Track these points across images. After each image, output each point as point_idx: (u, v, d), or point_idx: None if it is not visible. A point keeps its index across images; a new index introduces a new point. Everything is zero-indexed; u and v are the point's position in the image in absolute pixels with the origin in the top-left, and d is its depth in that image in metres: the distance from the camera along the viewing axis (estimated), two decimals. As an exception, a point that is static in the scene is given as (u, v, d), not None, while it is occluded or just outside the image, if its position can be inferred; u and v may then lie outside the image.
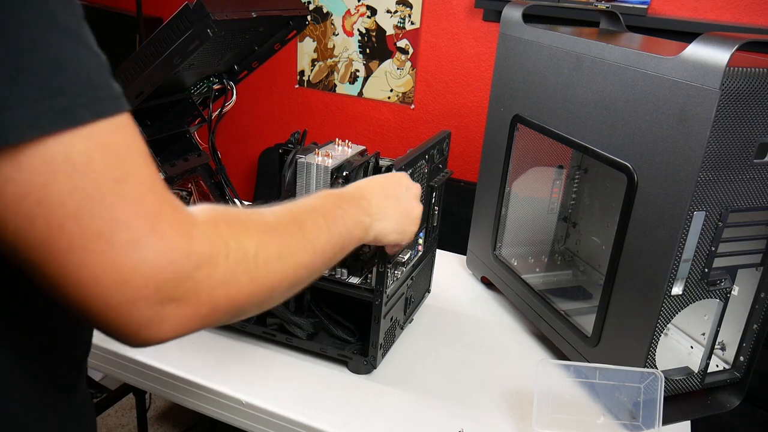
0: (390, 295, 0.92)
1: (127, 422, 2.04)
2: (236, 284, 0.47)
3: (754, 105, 0.73)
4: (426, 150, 0.94)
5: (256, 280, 0.49)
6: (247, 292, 0.48)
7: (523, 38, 1.06)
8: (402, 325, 1.04)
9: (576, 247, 1.27)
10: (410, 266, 1.01)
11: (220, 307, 0.46)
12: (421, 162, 0.93)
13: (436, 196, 1.01)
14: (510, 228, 1.21)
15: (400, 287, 0.97)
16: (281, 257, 0.52)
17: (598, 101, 0.90)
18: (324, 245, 0.59)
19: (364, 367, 0.94)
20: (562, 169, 1.21)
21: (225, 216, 0.49)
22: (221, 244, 0.46)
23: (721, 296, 0.85)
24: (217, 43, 0.97)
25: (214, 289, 0.45)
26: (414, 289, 1.06)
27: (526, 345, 1.08)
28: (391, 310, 0.94)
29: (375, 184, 0.74)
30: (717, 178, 0.75)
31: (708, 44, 0.72)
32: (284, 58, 2.48)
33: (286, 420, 0.84)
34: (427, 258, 1.10)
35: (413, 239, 0.89)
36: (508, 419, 0.88)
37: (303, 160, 0.93)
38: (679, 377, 0.89)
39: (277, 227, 0.54)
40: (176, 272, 0.42)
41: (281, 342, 0.97)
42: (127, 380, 0.95)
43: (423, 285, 1.13)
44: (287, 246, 0.53)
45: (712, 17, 1.86)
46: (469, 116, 2.28)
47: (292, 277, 0.54)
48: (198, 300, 0.44)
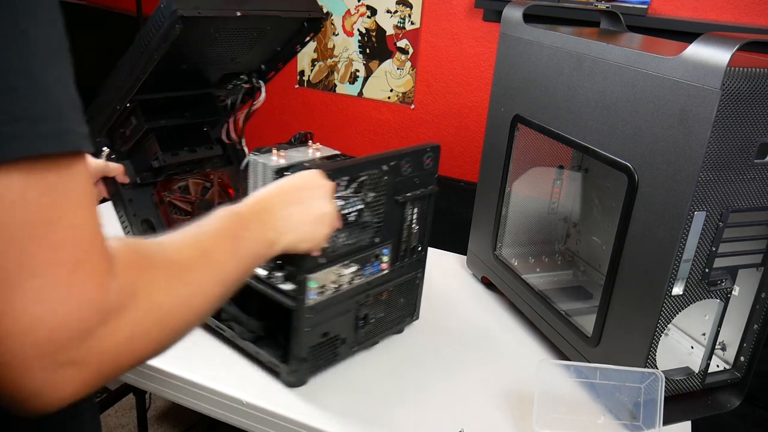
0: (320, 308, 0.86)
1: (127, 422, 2.04)
2: (144, 337, 0.44)
3: (755, 105, 0.73)
4: (377, 160, 0.86)
5: (166, 328, 0.46)
6: (154, 343, 0.45)
7: (523, 38, 1.06)
8: (352, 345, 0.95)
9: (576, 247, 1.27)
10: (365, 282, 0.92)
11: (123, 364, 0.43)
12: (372, 171, 0.85)
13: (415, 212, 0.95)
14: (510, 228, 1.21)
15: (345, 302, 0.90)
16: (192, 296, 0.50)
17: (598, 101, 0.89)
18: (232, 272, 0.57)
19: (289, 381, 0.89)
20: (562, 169, 1.21)
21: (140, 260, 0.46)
22: (131, 295, 0.43)
23: (721, 296, 0.85)
24: (228, 40, 0.98)
25: (118, 346, 0.42)
26: (378, 310, 0.97)
27: (526, 345, 1.08)
28: (323, 324, 0.88)
29: (277, 193, 0.70)
30: (717, 178, 0.75)
31: (709, 44, 0.72)
32: (284, 58, 2.48)
33: (286, 420, 0.84)
34: (408, 279, 1.01)
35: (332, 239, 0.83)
36: (508, 419, 0.88)
37: (255, 159, 0.93)
38: (679, 377, 0.89)
39: (186, 265, 0.51)
40: (82, 330, 0.39)
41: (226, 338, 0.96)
42: (127, 380, 0.95)
43: (401, 308, 1.03)
44: (197, 284, 0.51)
45: (712, 17, 1.85)
46: (469, 116, 2.28)
47: (201, 313, 0.51)
48: (100, 360, 0.40)
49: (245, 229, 0.62)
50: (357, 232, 0.88)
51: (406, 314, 1.05)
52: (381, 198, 0.89)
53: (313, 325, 0.86)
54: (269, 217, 0.66)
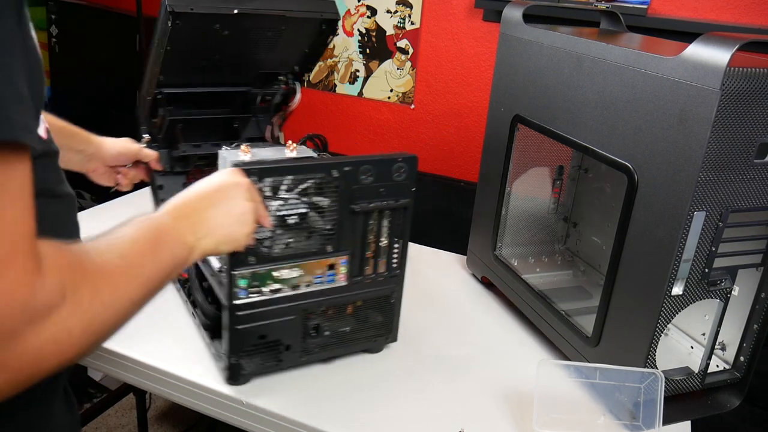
0: (253, 308, 0.84)
1: (127, 422, 2.04)
2: (68, 339, 0.44)
3: (755, 105, 0.73)
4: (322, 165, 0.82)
5: (89, 330, 0.46)
6: (77, 345, 0.45)
7: (523, 38, 1.06)
8: (301, 355, 0.91)
9: (576, 247, 1.27)
10: (316, 291, 0.88)
11: (44, 367, 0.43)
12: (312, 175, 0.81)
13: (385, 226, 0.90)
14: (510, 228, 1.21)
15: (287, 307, 0.86)
16: (114, 300, 0.50)
17: (598, 101, 0.89)
18: (152, 277, 0.57)
19: (225, 376, 0.88)
20: (562, 169, 1.21)
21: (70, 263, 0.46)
22: (58, 296, 0.43)
23: (721, 296, 0.85)
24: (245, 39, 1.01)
25: (42, 348, 0.42)
26: (339, 323, 0.92)
27: (526, 345, 1.08)
28: (260, 326, 0.85)
29: (195, 197, 0.69)
30: (717, 178, 0.75)
31: (708, 44, 0.72)
32: (284, 58, 2.48)
33: (286, 420, 0.84)
34: (379, 296, 0.94)
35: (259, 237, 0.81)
36: (508, 419, 0.88)
37: (222, 154, 0.93)
38: (679, 377, 0.89)
39: (109, 270, 0.51)
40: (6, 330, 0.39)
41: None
42: (127, 380, 0.95)
43: (372, 327, 0.96)
44: (119, 287, 0.51)
45: (712, 17, 1.85)
46: (469, 116, 2.28)
47: (123, 316, 0.52)
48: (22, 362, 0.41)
49: (164, 234, 0.62)
50: (300, 236, 0.84)
51: (380, 334, 0.97)
52: (334, 205, 0.84)
53: (244, 323, 0.84)
54: (186, 222, 0.66)
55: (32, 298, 0.40)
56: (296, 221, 0.83)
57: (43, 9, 2.83)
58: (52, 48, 2.87)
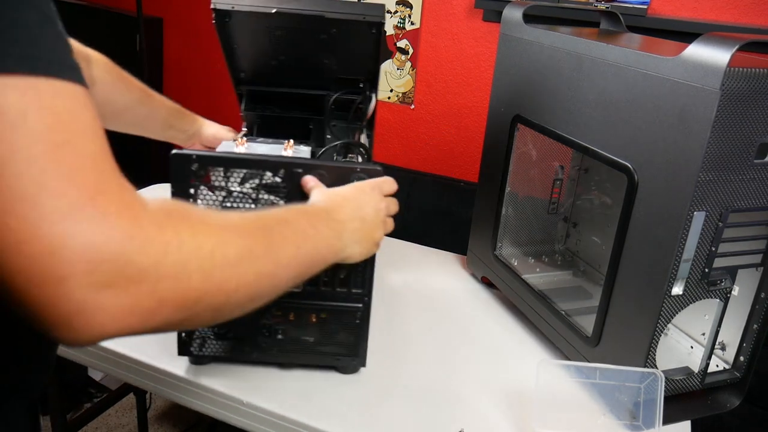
0: None
1: (127, 422, 2.04)
2: (187, 279, 0.43)
3: (755, 105, 0.73)
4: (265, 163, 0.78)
5: (211, 279, 0.45)
6: (199, 291, 0.44)
7: (523, 38, 1.06)
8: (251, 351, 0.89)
9: (576, 247, 1.27)
10: None
11: (167, 302, 0.42)
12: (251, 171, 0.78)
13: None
14: (510, 228, 1.21)
15: None
16: (241, 260, 0.48)
17: (598, 101, 0.90)
18: (290, 259, 0.56)
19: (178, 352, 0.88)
20: (562, 169, 1.21)
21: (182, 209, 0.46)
22: (172, 233, 0.42)
23: (721, 296, 0.85)
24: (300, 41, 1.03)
25: (160, 281, 0.41)
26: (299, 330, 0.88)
27: (526, 345, 1.08)
28: None
29: (349, 204, 0.70)
30: (717, 179, 0.76)
31: (708, 45, 0.72)
32: (284, 58, 2.48)
33: (286, 420, 0.84)
34: (340, 311, 0.88)
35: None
36: (508, 419, 0.88)
37: (223, 143, 0.93)
38: (679, 377, 0.89)
39: (241, 228, 0.50)
40: (115, 253, 0.38)
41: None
42: (127, 380, 0.95)
43: (336, 343, 0.90)
44: (249, 250, 0.50)
45: (712, 17, 1.86)
46: (469, 116, 2.28)
47: (251, 284, 0.50)
48: (140, 290, 0.40)
49: (313, 228, 0.62)
50: None
51: (344, 353, 0.91)
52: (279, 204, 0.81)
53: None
54: (339, 225, 0.67)
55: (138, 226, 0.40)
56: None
57: (43, 9, 2.82)
58: (52, 48, 2.87)
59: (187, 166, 0.77)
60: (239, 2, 0.97)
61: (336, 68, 1.07)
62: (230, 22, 1.01)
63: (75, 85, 0.40)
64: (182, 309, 0.43)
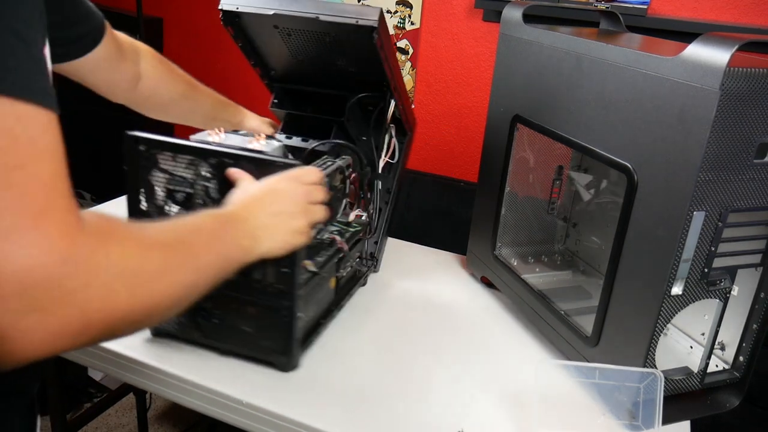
0: None
1: (127, 422, 2.04)
2: (114, 299, 0.44)
3: (754, 105, 0.73)
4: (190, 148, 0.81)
5: (136, 297, 0.47)
6: (125, 309, 0.46)
7: (523, 38, 1.06)
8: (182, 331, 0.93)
9: (576, 247, 1.27)
10: None
11: (94, 323, 0.43)
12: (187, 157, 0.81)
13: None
14: (510, 228, 1.21)
15: None
16: (164, 274, 0.51)
17: (597, 101, 0.90)
18: (207, 265, 0.58)
19: None
20: (561, 169, 1.21)
21: (112, 227, 0.47)
22: (103, 254, 0.44)
23: (720, 296, 0.85)
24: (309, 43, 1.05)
25: (87, 302, 0.42)
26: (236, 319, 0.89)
27: (526, 345, 1.08)
28: None
29: (257, 202, 0.72)
30: (717, 179, 0.76)
31: (708, 44, 0.72)
32: (284, 58, 2.48)
33: (286, 420, 0.84)
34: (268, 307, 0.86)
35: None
36: (508, 419, 0.88)
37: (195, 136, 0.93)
38: (678, 377, 0.89)
39: (162, 244, 0.52)
40: (45, 277, 0.39)
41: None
42: (127, 380, 0.95)
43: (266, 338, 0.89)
44: (171, 264, 0.52)
45: (712, 17, 1.86)
46: (469, 116, 2.28)
47: (173, 295, 0.52)
48: (66, 312, 0.41)
49: (224, 230, 0.64)
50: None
51: (274, 349, 0.90)
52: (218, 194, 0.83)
53: None
54: (247, 225, 0.68)
55: (72, 250, 0.41)
56: (182, 198, 0.84)
57: (43, 9, 2.83)
58: (52, 48, 2.87)
59: (136, 147, 0.82)
60: (243, 3, 1.00)
61: (353, 71, 1.07)
62: (240, 22, 1.05)
63: (40, 108, 0.41)
64: (109, 327, 0.45)
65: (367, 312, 1.12)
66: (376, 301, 1.16)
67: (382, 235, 1.22)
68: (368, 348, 1.01)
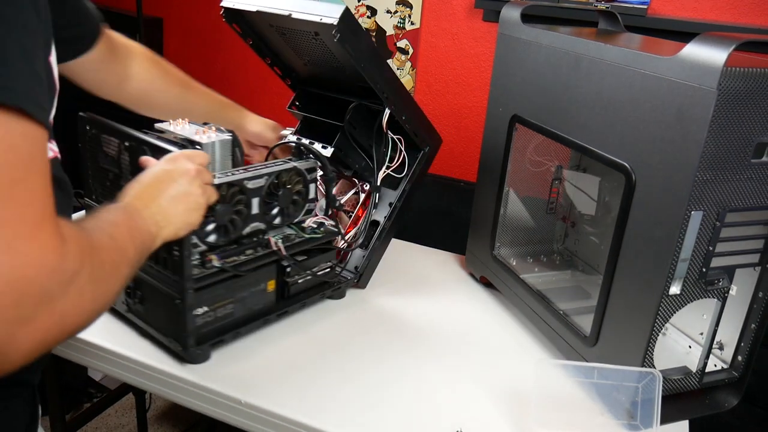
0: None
1: (127, 422, 2.04)
2: (83, 305, 0.47)
3: (752, 105, 0.73)
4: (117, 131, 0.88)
5: (98, 299, 0.49)
6: (88, 313, 0.48)
7: (521, 38, 1.06)
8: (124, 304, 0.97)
9: (574, 246, 1.27)
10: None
11: (67, 328, 0.46)
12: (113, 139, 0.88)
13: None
14: (509, 228, 1.21)
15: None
16: (113, 274, 0.54)
17: (596, 101, 0.90)
18: (134, 257, 0.61)
19: None
20: (560, 169, 1.21)
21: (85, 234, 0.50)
22: (82, 265, 0.46)
23: (719, 296, 0.85)
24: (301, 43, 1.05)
25: (65, 311, 0.44)
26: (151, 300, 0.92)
27: (525, 345, 1.08)
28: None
29: (150, 190, 0.73)
30: (714, 178, 0.76)
31: (705, 44, 0.72)
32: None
33: (286, 420, 0.85)
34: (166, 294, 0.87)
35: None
36: (507, 419, 0.88)
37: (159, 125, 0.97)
38: (677, 377, 0.89)
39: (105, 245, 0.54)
40: (38, 287, 0.41)
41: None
42: (127, 380, 0.95)
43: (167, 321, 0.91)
44: (114, 262, 0.54)
45: (711, 17, 1.86)
46: (469, 116, 2.29)
47: (117, 290, 0.55)
48: (48, 320, 0.43)
49: (134, 222, 0.66)
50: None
51: (172, 334, 0.90)
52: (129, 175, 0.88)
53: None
54: (148, 214, 0.70)
55: (62, 262, 0.43)
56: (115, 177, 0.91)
57: (43, 9, 2.83)
58: (52, 48, 2.88)
59: (84, 127, 0.92)
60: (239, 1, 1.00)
61: (350, 75, 1.06)
62: (243, 20, 1.05)
63: (38, 127, 0.44)
64: (75, 330, 0.48)
65: (366, 312, 1.12)
66: (375, 301, 1.16)
67: (372, 249, 1.15)
68: (368, 348, 1.01)
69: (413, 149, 1.14)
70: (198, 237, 0.86)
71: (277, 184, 0.96)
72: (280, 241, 0.97)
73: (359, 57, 0.95)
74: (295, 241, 1.00)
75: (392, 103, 1.04)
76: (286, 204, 0.98)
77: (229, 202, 0.88)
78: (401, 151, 1.12)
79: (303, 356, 0.97)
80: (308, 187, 1.01)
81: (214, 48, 2.67)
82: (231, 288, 0.93)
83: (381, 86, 1.01)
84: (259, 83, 2.60)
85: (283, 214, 0.99)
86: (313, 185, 1.02)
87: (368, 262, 1.15)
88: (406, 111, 1.07)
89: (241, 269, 0.92)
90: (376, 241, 1.15)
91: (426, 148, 1.14)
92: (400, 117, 1.06)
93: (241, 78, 2.63)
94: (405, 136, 1.11)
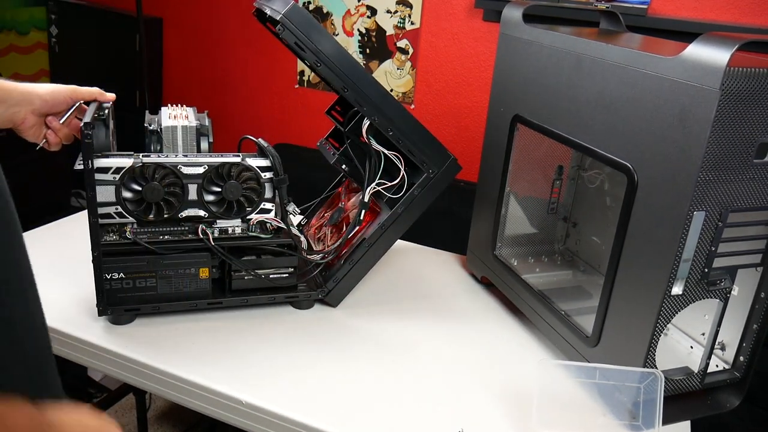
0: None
1: (127, 422, 2.04)
2: None
3: (754, 105, 0.73)
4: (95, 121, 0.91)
5: None
6: None
7: (523, 38, 1.06)
8: None
9: (576, 247, 1.27)
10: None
11: None
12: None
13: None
14: (510, 228, 1.21)
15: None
16: None
17: (598, 101, 0.90)
18: None
19: None
20: (561, 169, 1.21)
21: None
22: None
23: (721, 296, 0.85)
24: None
25: None
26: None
27: (526, 345, 1.08)
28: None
29: None
30: (717, 178, 0.76)
31: (708, 44, 0.72)
32: (284, 58, 2.48)
33: (286, 420, 0.84)
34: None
35: None
36: (508, 419, 0.88)
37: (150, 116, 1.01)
38: (678, 377, 0.89)
39: None
40: None
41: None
42: (127, 380, 0.95)
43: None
44: None
45: (712, 17, 1.85)
46: (469, 116, 2.28)
47: None
48: None
49: None
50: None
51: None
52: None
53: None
54: None
55: None
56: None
57: (43, 9, 2.83)
58: (52, 48, 2.87)
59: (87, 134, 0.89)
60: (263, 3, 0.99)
61: None
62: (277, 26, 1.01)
63: None
64: None
65: (366, 312, 1.12)
66: (376, 301, 1.16)
67: (342, 269, 1.07)
68: (368, 348, 1.01)
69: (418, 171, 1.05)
70: (123, 208, 0.93)
71: (220, 175, 0.97)
72: (209, 230, 0.98)
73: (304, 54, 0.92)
74: (236, 236, 1.01)
75: (372, 114, 0.97)
76: (234, 197, 0.98)
77: (159, 182, 0.93)
78: (401, 169, 1.03)
79: (303, 356, 0.97)
80: (263, 184, 1.00)
81: (214, 48, 2.67)
82: (154, 264, 0.97)
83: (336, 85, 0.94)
84: (260, 83, 2.59)
85: (231, 207, 0.99)
86: (269, 184, 1.00)
87: (338, 281, 1.08)
88: (396, 126, 0.99)
89: (158, 247, 0.95)
90: (351, 260, 1.06)
91: (429, 171, 1.04)
92: (385, 130, 0.99)
93: (241, 78, 2.63)
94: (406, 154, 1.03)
